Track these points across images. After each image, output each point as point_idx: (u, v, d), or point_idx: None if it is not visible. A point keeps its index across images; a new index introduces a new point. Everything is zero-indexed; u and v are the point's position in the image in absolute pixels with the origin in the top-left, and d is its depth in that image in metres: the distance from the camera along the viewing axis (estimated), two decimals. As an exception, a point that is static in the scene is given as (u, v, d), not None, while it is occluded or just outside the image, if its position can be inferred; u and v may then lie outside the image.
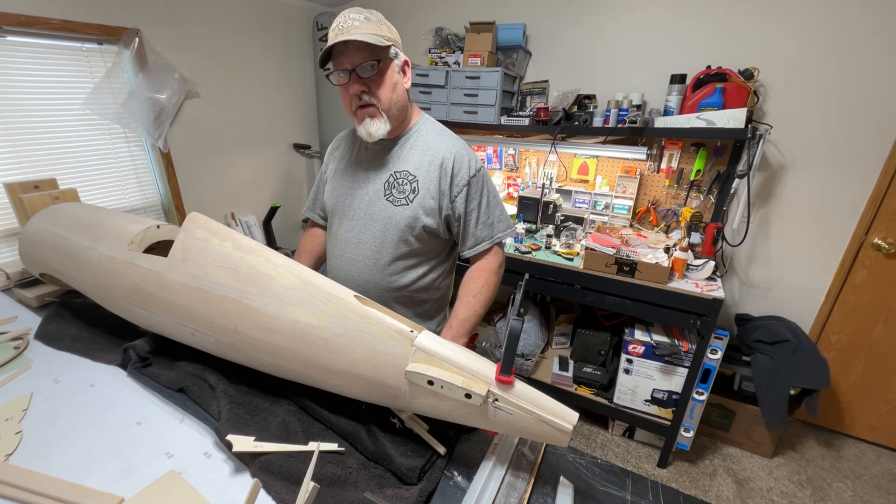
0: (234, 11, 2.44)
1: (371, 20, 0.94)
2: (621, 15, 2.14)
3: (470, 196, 1.06)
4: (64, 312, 1.15)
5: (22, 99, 1.77)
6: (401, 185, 1.05)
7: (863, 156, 1.87)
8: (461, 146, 1.07)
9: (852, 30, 1.75)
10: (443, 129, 1.11)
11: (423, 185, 1.04)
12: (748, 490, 1.95)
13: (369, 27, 0.93)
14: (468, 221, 1.08)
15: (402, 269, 1.10)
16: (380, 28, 0.95)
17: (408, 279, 1.11)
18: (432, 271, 1.15)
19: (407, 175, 1.05)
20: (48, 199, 1.42)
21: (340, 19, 0.94)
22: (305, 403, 0.85)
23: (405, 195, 1.04)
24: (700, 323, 1.73)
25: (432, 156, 1.05)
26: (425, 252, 1.11)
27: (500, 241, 1.12)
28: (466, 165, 1.05)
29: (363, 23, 0.93)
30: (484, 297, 1.10)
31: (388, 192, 1.05)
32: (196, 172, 2.44)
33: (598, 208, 2.32)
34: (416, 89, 2.41)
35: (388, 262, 1.08)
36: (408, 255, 1.09)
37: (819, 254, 2.07)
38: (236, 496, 0.66)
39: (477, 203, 1.07)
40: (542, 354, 2.45)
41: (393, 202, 1.05)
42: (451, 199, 1.05)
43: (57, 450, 0.73)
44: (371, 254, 1.08)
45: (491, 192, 1.10)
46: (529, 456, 0.81)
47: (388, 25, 0.98)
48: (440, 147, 1.06)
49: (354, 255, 1.10)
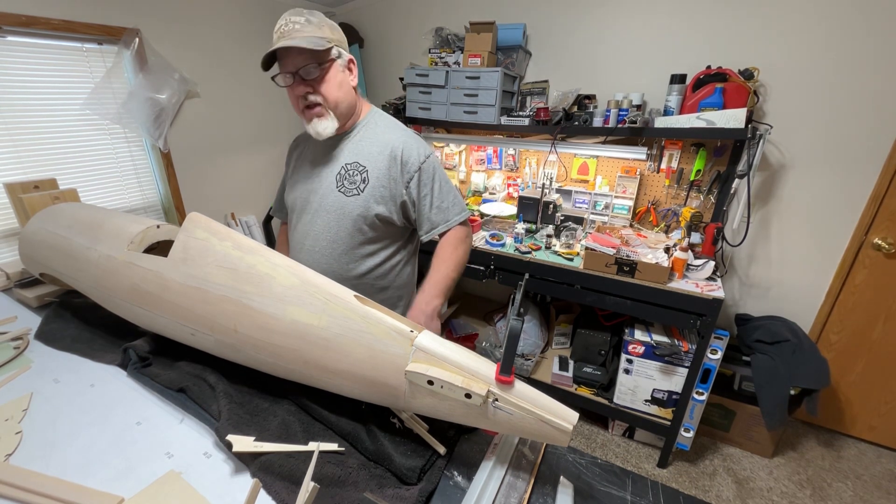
0: (234, 11, 2.44)
1: (312, 22, 0.98)
2: (621, 15, 2.14)
3: (422, 182, 1.10)
4: (64, 312, 1.15)
5: (22, 99, 1.77)
6: (351, 177, 1.08)
7: (863, 156, 1.87)
8: (410, 136, 1.12)
9: (852, 30, 1.75)
10: (392, 121, 1.16)
11: (374, 175, 1.08)
12: (748, 490, 1.95)
13: (310, 30, 0.97)
14: (422, 206, 1.12)
15: (359, 257, 1.14)
16: (321, 30, 0.99)
17: (365, 267, 1.15)
18: (391, 258, 1.19)
19: (357, 166, 1.09)
20: (48, 199, 1.42)
21: (282, 22, 0.98)
22: (305, 403, 0.84)
23: (356, 185, 1.08)
24: (700, 323, 1.73)
25: (381, 146, 1.09)
26: (381, 239, 1.15)
27: (456, 223, 1.15)
28: (416, 153, 1.09)
29: (304, 25, 0.97)
30: (454, 260, 1.13)
31: (339, 184, 1.09)
32: (196, 172, 2.44)
33: (598, 208, 2.32)
34: (415, 89, 2.41)
35: (345, 251, 1.12)
36: (364, 244, 1.13)
37: (819, 254, 2.07)
38: (236, 496, 0.66)
39: (430, 188, 1.11)
40: (542, 354, 2.45)
41: (345, 193, 1.09)
42: (405, 185, 1.09)
43: (57, 450, 0.73)
44: (327, 244, 1.12)
45: (442, 179, 1.14)
46: (529, 456, 0.81)
47: (329, 25, 1.02)
48: (389, 137, 1.10)
49: (312, 247, 1.14)
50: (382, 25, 2.85)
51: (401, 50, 2.82)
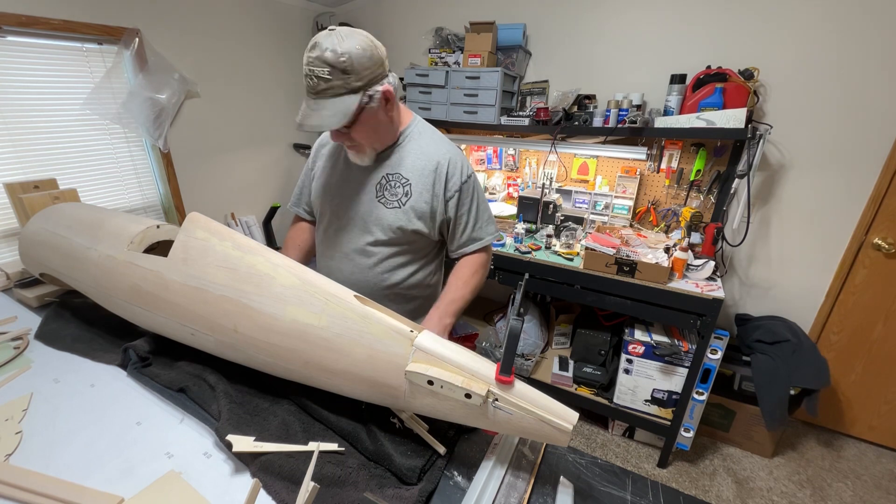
0: (234, 11, 2.44)
1: (336, 69, 0.84)
2: (621, 15, 2.14)
3: (461, 201, 1.08)
4: (64, 312, 1.15)
5: (22, 99, 1.77)
6: (393, 188, 1.05)
7: (863, 156, 1.87)
8: (455, 151, 1.09)
9: (852, 30, 1.75)
10: (435, 133, 1.12)
11: (416, 189, 1.05)
12: (748, 490, 1.95)
13: (337, 84, 0.85)
14: (458, 225, 1.11)
15: (391, 267, 1.12)
16: (347, 80, 0.86)
17: (398, 277, 1.13)
18: (422, 269, 1.18)
19: (400, 178, 1.05)
20: (48, 199, 1.42)
21: (306, 70, 0.86)
22: (305, 403, 0.85)
23: (397, 198, 1.05)
24: (700, 323, 1.73)
25: (427, 159, 1.06)
26: (414, 251, 1.14)
27: (487, 244, 1.15)
28: (459, 171, 1.07)
29: (328, 81, 0.85)
30: (473, 284, 1.13)
31: (379, 194, 1.06)
32: (196, 172, 2.44)
33: (598, 208, 2.32)
34: (415, 89, 2.41)
35: (378, 261, 1.10)
36: (397, 255, 1.11)
37: (819, 254, 2.07)
38: (236, 496, 0.66)
39: (467, 208, 1.10)
40: (542, 354, 2.45)
41: (385, 204, 1.06)
42: (445, 201, 1.07)
43: (57, 450, 0.73)
44: (361, 254, 1.10)
45: (480, 198, 1.12)
46: (529, 456, 0.81)
47: (358, 64, 0.86)
48: (435, 151, 1.07)
49: (345, 255, 1.12)
50: (382, 25, 2.85)
51: (401, 50, 2.82)
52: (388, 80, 0.94)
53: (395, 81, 0.96)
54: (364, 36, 0.88)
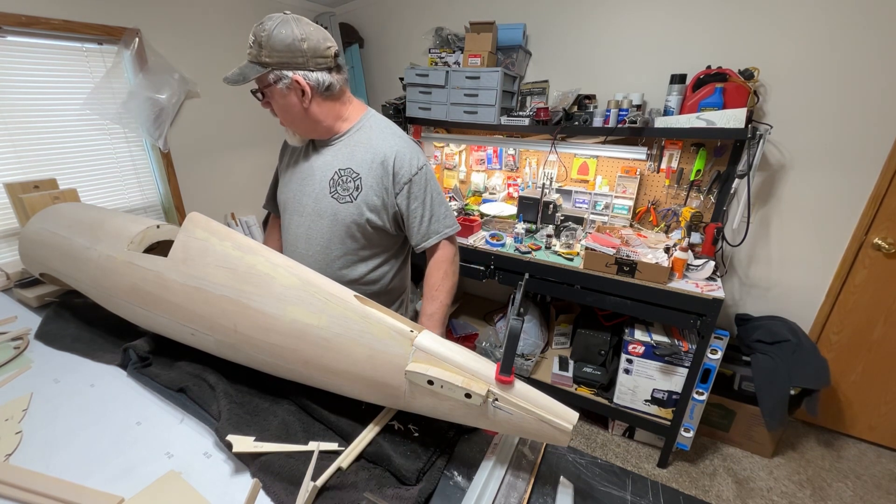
0: (234, 11, 2.44)
1: (256, 41, 0.95)
2: (621, 15, 2.14)
3: (412, 194, 1.09)
4: (64, 312, 1.15)
5: (22, 99, 1.77)
6: (345, 183, 1.08)
7: (863, 156, 1.87)
8: (404, 144, 1.10)
9: (852, 30, 1.75)
10: (388, 126, 1.13)
11: (367, 183, 1.07)
12: (748, 490, 1.95)
13: (254, 52, 0.96)
14: (412, 219, 1.12)
15: (351, 262, 1.15)
16: (259, 53, 0.95)
17: (357, 273, 1.16)
18: (383, 265, 1.20)
19: (351, 172, 1.08)
20: (48, 199, 1.42)
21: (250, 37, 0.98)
22: (305, 403, 0.84)
23: (349, 192, 1.08)
24: (700, 323, 1.73)
25: (374, 153, 1.07)
26: (374, 246, 1.16)
27: (445, 237, 1.16)
28: (408, 164, 1.08)
29: (250, 49, 0.97)
30: (445, 287, 1.16)
31: (333, 190, 1.09)
32: (196, 172, 2.44)
33: (598, 208, 2.32)
34: (415, 89, 2.41)
35: (337, 256, 1.13)
36: (356, 250, 1.14)
37: (819, 254, 2.07)
38: (236, 496, 0.66)
39: (420, 202, 1.11)
40: (542, 354, 2.45)
41: (338, 199, 1.09)
42: (395, 195, 1.09)
43: (57, 450, 0.73)
44: (320, 249, 1.13)
45: (433, 191, 1.13)
46: (529, 456, 0.81)
47: (271, 44, 0.94)
48: (382, 145, 1.08)
49: (305, 251, 1.14)
50: (382, 25, 2.85)
51: (401, 50, 2.82)
52: (306, 73, 0.98)
53: (320, 78, 1.00)
54: (298, 29, 0.95)
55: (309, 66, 0.98)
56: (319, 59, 0.99)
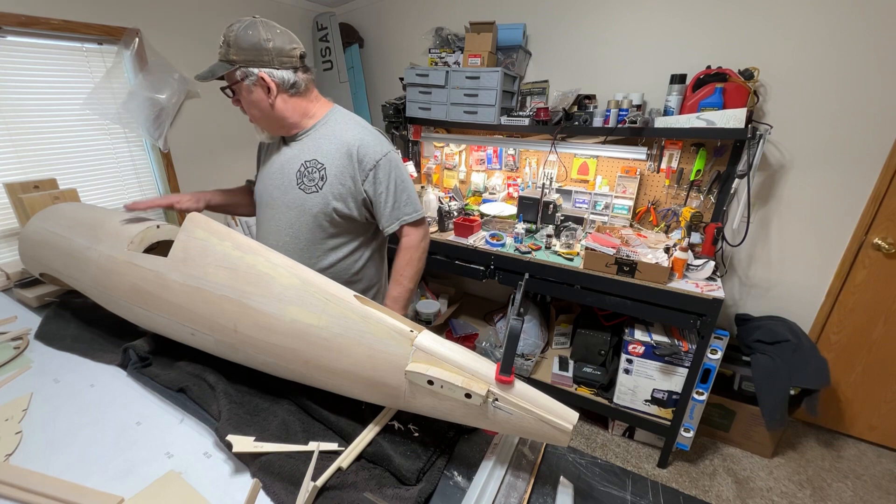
0: (234, 11, 2.44)
1: (225, 41, 1.02)
2: (621, 15, 2.14)
3: (378, 179, 1.13)
4: (64, 312, 1.15)
5: (22, 99, 1.77)
6: (311, 174, 1.12)
7: (863, 156, 1.87)
8: (368, 133, 1.14)
9: (852, 30, 1.75)
10: (351, 118, 1.17)
11: (332, 172, 1.11)
12: (748, 490, 1.95)
13: (222, 51, 1.03)
14: (378, 203, 1.16)
15: (322, 251, 1.19)
16: (227, 51, 1.02)
17: (328, 261, 1.20)
18: (353, 253, 1.23)
19: (316, 163, 1.12)
20: (48, 199, 1.42)
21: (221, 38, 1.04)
22: (305, 403, 0.85)
23: (315, 183, 1.12)
24: (700, 323, 1.73)
25: (339, 143, 1.12)
26: (344, 234, 1.20)
27: (409, 222, 1.19)
28: (372, 150, 1.12)
29: (220, 47, 1.04)
30: (409, 273, 1.21)
31: (299, 181, 1.13)
32: (196, 172, 2.44)
33: (598, 208, 2.32)
34: (415, 89, 2.41)
35: (307, 245, 1.17)
36: (326, 238, 1.18)
37: (819, 254, 2.07)
38: (236, 496, 0.66)
39: (385, 186, 1.14)
40: (542, 354, 2.45)
41: (304, 190, 1.13)
42: (362, 182, 1.13)
43: (57, 450, 0.73)
44: (290, 239, 1.17)
45: (398, 177, 1.16)
46: (529, 456, 0.81)
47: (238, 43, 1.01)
48: (346, 135, 1.12)
49: (276, 242, 1.18)
50: (382, 25, 2.85)
51: (401, 50, 2.82)
52: (271, 71, 1.04)
53: (285, 76, 1.06)
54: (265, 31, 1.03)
55: (274, 64, 1.04)
56: (285, 59, 1.05)
